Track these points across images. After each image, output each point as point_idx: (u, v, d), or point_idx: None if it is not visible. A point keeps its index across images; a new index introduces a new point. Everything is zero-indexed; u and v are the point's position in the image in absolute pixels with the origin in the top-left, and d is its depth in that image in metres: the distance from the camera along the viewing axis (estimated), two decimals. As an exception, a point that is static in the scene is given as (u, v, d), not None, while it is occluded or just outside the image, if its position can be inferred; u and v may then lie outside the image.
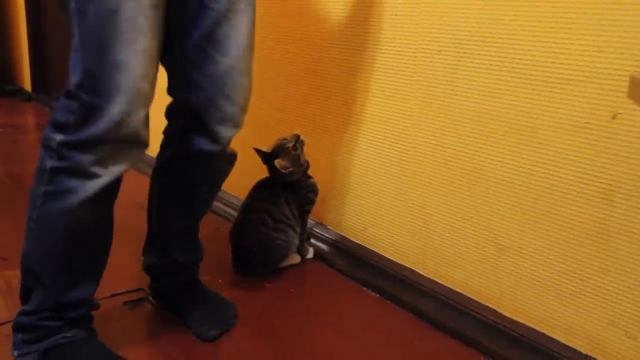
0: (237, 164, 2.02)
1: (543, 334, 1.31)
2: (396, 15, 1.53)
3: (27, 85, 4.57)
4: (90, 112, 1.06)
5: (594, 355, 1.23)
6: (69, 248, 1.16)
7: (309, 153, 1.83)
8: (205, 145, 1.30)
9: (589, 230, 1.21)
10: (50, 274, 1.17)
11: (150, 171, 1.42)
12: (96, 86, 1.05)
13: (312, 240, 1.87)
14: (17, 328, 1.21)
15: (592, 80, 1.17)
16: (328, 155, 1.82)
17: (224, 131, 1.29)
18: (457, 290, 1.49)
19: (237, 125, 1.31)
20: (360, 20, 1.63)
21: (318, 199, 1.77)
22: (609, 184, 1.17)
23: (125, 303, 1.52)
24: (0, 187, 2.44)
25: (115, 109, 1.06)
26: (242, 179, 2.16)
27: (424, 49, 1.47)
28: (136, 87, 1.07)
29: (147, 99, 1.11)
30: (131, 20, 1.04)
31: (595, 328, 1.22)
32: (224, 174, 1.42)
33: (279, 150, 1.68)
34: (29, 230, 1.17)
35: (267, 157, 1.70)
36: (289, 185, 1.72)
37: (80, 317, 1.23)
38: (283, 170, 1.66)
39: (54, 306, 1.18)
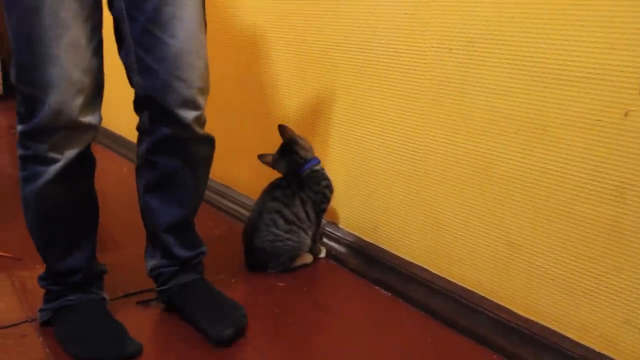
0: (248, 164, 2.04)
1: (556, 332, 1.31)
2: (406, 14, 1.53)
3: (39, 86, 4.58)
4: (32, 104, 1.16)
5: (607, 353, 1.23)
6: (46, 224, 1.31)
7: (321, 153, 1.83)
8: (171, 130, 1.31)
9: (601, 228, 1.21)
10: (42, 248, 1.35)
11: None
12: (31, 79, 1.14)
13: (324, 240, 1.87)
14: (41, 287, 1.40)
15: (603, 77, 1.16)
16: (339, 154, 1.82)
17: (184, 114, 1.29)
18: (470, 288, 1.49)
19: (197, 107, 1.30)
20: (370, 19, 1.63)
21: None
22: (622, 182, 1.16)
23: (137, 303, 1.52)
24: (13, 188, 2.45)
25: (52, 99, 1.14)
26: (253, 179, 2.17)
27: (434, 47, 1.47)
28: (68, 78, 1.15)
29: (82, 86, 1.18)
30: (53, 16, 1.11)
31: (609, 326, 1.22)
32: (202, 158, 1.41)
33: (292, 139, 1.74)
34: (23, 210, 1.32)
35: (288, 144, 1.75)
36: (305, 182, 1.72)
37: (79, 282, 1.37)
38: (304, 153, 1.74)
39: (53, 274, 1.37)
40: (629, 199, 1.16)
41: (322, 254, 1.84)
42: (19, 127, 1.22)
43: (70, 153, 1.23)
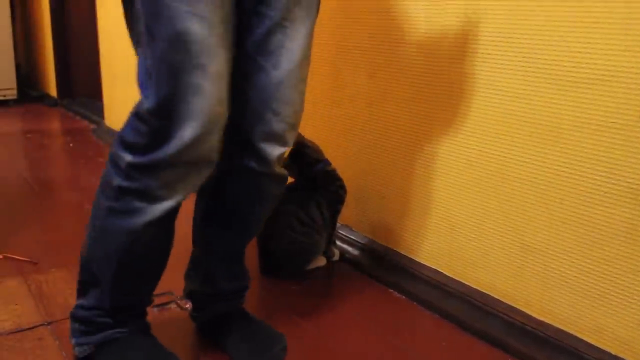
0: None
1: (571, 335, 1.30)
2: (420, 17, 1.53)
3: (53, 90, 4.63)
4: (160, 136, 1.03)
5: (623, 356, 1.22)
6: (129, 262, 1.17)
7: (334, 156, 1.83)
8: (249, 163, 1.20)
9: (617, 230, 1.20)
10: (108, 281, 1.18)
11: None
12: (168, 111, 1.02)
13: (338, 243, 1.87)
14: (75, 318, 1.25)
15: (618, 79, 1.16)
16: (353, 157, 1.83)
17: (269, 149, 1.19)
18: (484, 291, 1.49)
19: (284, 143, 1.20)
20: (384, 24, 1.63)
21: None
22: (637, 184, 1.16)
23: (153, 306, 1.53)
24: (29, 192, 2.48)
25: (187, 133, 1.02)
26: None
27: (448, 51, 1.47)
28: (211, 112, 1.03)
29: (221, 122, 1.07)
30: (202, 42, 0.99)
31: (624, 329, 1.21)
32: (272, 196, 1.29)
33: (301, 142, 1.74)
34: (90, 236, 1.18)
35: (300, 149, 1.73)
36: (319, 182, 1.72)
37: (135, 315, 1.26)
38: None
39: (109, 307, 1.21)
40: (645, 202, 1.15)
41: (336, 257, 1.84)
42: (128, 157, 1.07)
43: (182, 192, 1.10)
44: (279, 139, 1.19)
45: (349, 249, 1.85)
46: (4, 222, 2.11)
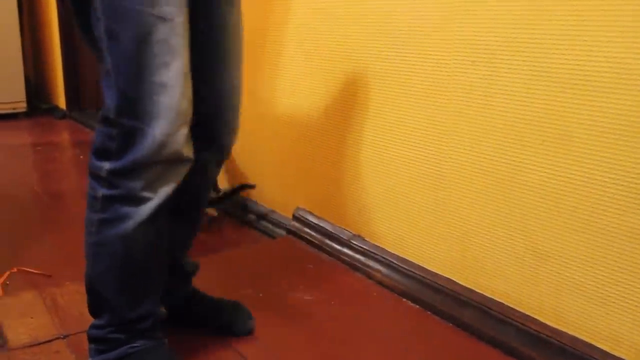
0: (275, 179, 2.05)
1: (587, 343, 1.30)
2: (428, 27, 1.54)
3: (62, 102, 4.65)
4: (131, 137, 1.08)
5: (639, 364, 1.22)
6: (131, 270, 1.19)
7: (347, 165, 1.84)
8: (212, 156, 1.33)
9: (631, 237, 1.20)
10: (114, 295, 1.20)
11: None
12: (135, 110, 1.06)
13: (350, 252, 1.87)
14: (90, 339, 1.26)
15: (629, 85, 1.16)
16: (364, 166, 1.83)
17: (228, 140, 1.33)
18: (497, 299, 1.49)
19: (237, 131, 1.34)
20: (393, 32, 1.64)
21: (355, 211, 1.78)
22: (651, 191, 1.16)
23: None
24: (40, 205, 2.50)
25: (157, 130, 1.07)
26: (279, 193, 2.19)
27: (457, 60, 1.48)
28: (177, 107, 1.08)
29: (187, 116, 1.11)
30: (165, 43, 1.05)
31: (640, 336, 1.21)
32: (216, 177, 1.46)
33: None
34: (88, 255, 1.20)
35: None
36: None
37: (147, 328, 1.25)
38: None
39: (121, 322, 1.22)
40: (659, 208, 1.15)
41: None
42: (107, 165, 1.12)
43: (165, 190, 1.14)
44: (234, 129, 1.34)
45: (362, 258, 1.85)
46: (16, 235, 2.12)
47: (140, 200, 1.12)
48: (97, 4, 1.05)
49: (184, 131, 1.11)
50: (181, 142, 1.11)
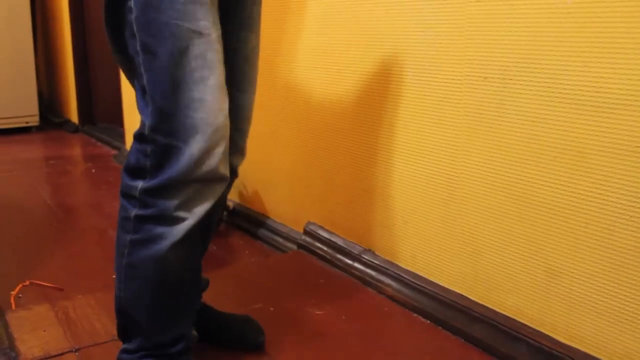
0: (286, 194, 2.06)
1: (600, 360, 1.30)
2: (440, 43, 1.54)
3: (74, 116, 4.69)
4: (167, 154, 1.05)
5: (653, 382, 1.21)
6: (164, 292, 1.15)
7: (358, 181, 1.84)
8: None
9: (644, 254, 1.20)
10: (146, 319, 1.16)
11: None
12: (172, 127, 1.04)
13: (361, 267, 1.87)
14: None
15: (642, 103, 1.16)
16: (376, 182, 1.84)
17: (235, 161, 1.31)
18: (509, 315, 1.48)
19: (244, 154, 1.35)
20: (404, 48, 1.65)
21: (366, 226, 1.78)
22: (664, 208, 1.16)
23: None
24: (53, 218, 2.51)
25: (194, 147, 1.04)
26: (290, 208, 2.19)
27: (469, 76, 1.49)
28: (214, 123, 1.05)
29: (225, 132, 1.08)
30: (201, 57, 1.03)
31: (653, 354, 1.21)
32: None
33: None
34: (119, 277, 1.17)
35: None
36: None
37: (179, 351, 1.21)
38: None
39: (152, 346, 1.18)
40: (672, 225, 1.15)
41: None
42: (140, 184, 1.09)
43: (200, 210, 1.10)
44: (242, 152, 1.34)
45: (373, 273, 1.85)
46: (29, 248, 2.14)
47: (175, 220, 1.09)
48: (132, 20, 1.04)
49: (221, 148, 1.07)
50: (218, 159, 1.07)
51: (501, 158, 1.44)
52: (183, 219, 1.09)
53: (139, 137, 1.09)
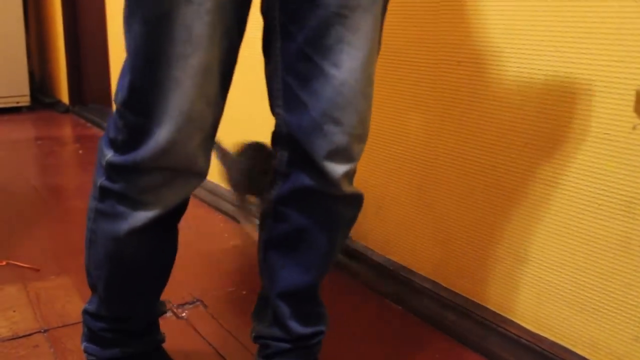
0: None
1: (566, 349, 1.29)
2: (415, 27, 1.53)
3: (65, 97, 4.67)
4: (135, 134, 0.92)
5: (618, 371, 1.21)
6: (118, 271, 1.07)
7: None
8: (312, 182, 1.01)
9: (610, 243, 1.19)
10: (102, 286, 1.09)
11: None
12: (142, 105, 0.90)
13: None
14: (83, 321, 1.17)
15: (611, 90, 1.15)
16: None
17: (333, 167, 0.98)
18: (479, 302, 1.48)
19: (349, 159, 1.00)
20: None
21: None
22: (631, 197, 1.15)
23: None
24: (37, 198, 2.50)
25: (162, 134, 0.89)
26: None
27: (444, 60, 1.47)
28: (188, 110, 0.89)
29: (204, 122, 0.93)
30: (186, 28, 0.85)
31: (619, 343, 1.20)
32: (345, 219, 1.10)
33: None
34: (86, 239, 1.09)
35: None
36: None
37: (139, 329, 1.15)
38: None
39: (109, 316, 1.12)
40: (638, 214, 1.14)
41: None
42: (108, 155, 0.96)
43: (169, 200, 0.97)
44: (342, 155, 0.99)
45: (347, 260, 1.84)
46: (11, 228, 2.13)
47: (137, 203, 0.97)
48: None
49: (197, 139, 0.92)
50: (193, 150, 0.93)
51: (474, 144, 1.43)
52: (146, 204, 0.96)
53: (116, 109, 0.96)
